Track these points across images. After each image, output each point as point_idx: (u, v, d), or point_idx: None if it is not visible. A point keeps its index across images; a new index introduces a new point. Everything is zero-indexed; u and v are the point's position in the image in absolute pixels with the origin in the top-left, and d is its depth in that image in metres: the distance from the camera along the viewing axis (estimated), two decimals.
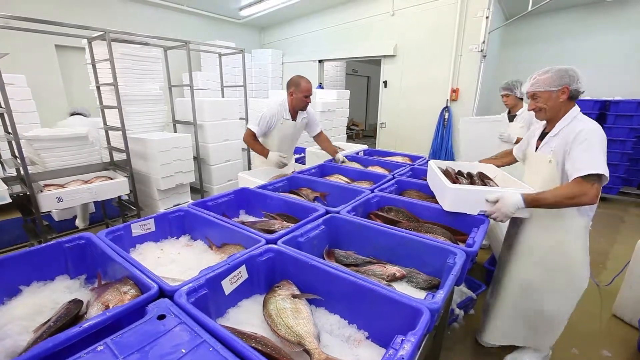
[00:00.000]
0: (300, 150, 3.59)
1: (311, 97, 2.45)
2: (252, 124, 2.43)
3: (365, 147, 3.17)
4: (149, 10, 5.77)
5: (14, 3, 4.28)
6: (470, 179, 1.77)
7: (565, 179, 1.44)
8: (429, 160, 2.71)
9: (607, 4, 4.85)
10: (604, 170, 1.30)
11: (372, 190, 1.74)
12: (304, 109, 2.51)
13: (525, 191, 1.40)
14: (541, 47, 5.53)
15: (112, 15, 5.31)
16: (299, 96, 2.38)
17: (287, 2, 5.79)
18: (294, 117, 2.53)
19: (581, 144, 1.35)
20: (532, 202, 1.37)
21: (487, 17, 4.34)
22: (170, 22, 6.10)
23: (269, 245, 1.15)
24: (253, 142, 2.43)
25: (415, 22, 5.12)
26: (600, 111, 4.46)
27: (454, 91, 4.86)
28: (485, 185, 1.64)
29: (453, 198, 1.47)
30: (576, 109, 1.49)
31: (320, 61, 6.80)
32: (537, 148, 1.62)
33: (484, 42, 4.43)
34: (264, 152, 2.39)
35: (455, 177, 1.75)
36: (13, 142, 2.15)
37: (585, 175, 1.31)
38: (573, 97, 1.47)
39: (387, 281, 1.13)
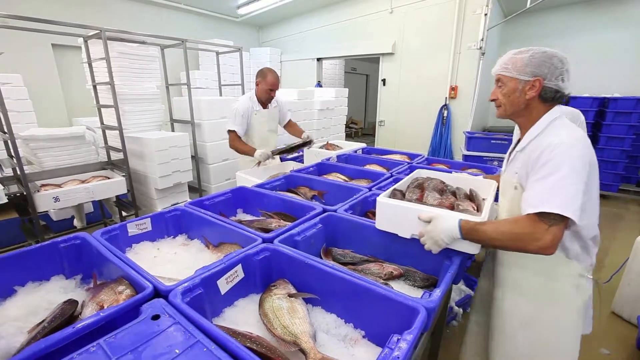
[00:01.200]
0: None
1: (276, 91, 2.50)
2: (230, 125, 2.43)
3: (363, 145, 3.16)
4: (146, 9, 5.74)
5: (10, 2, 4.26)
6: (454, 196, 1.39)
7: None
8: (427, 158, 2.71)
9: (606, 1, 4.84)
10: (568, 210, 0.88)
11: (370, 189, 1.74)
12: (270, 100, 2.55)
13: (467, 217, 1.04)
14: (540, 44, 5.44)
15: (109, 13, 5.28)
16: (264, 88, 2.42)
17: (285, 0, 5.76)
18: (264, 107, 2.58)
19: (542, 167, 0.96)
20: (470, 232, 1.00)
21: (485, 14, 4.32)
22: (168, 20, 6.07)
23: (265, 244, 1.14)
24: (238, 144, 2.43)
25: (414, 19, 5.10)
26: (599, 108, 4.46)
27: (453, 89, 4.85)
28: (456, 207, 1.24)
29: (383, 214, 1.22)
30: (554, 112, 1.06)
31: (318, 59, 6.78)
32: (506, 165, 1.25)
33: (482, 40, 4.42)
34: (251, 151, 2.38)
35: (439, 191, 1.40)
36: (9, 142, 2.14)
37: (541, 213, 0.91)
38: (548, 99, 1.05)
39: (384, 280, 1.13)
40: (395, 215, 1.18)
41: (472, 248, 1.06)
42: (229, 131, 2.45)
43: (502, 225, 0.98)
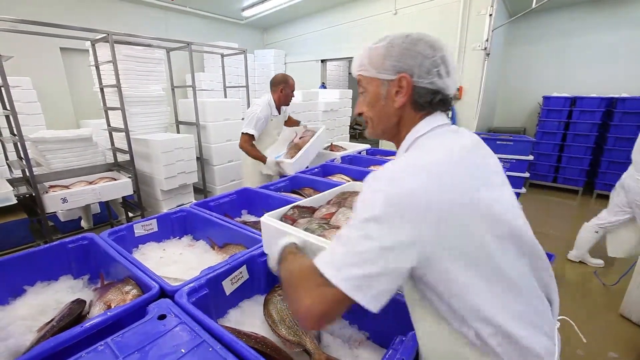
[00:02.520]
0: None
1: None
2: (248, 128, 2.41)
3: (368, 146, 3.16)
4: (152, 12, 5.80)
5: (19, 7, 4.33)
6: None
7: None
8: None
9: (613, 1, 4.78)
10: (331, 270, 0.55)
11: None
12: (286, 104, 2.64)
13: (297, 239, 0.86)
14: (546, 45, 5.47)
15: (115, 17, 5.35)
16: (288, 92, 2.53)
17: (290, 2, 5.78)
18: (279, 112, 2.65)
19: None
20: (284, 259, 0.77)
21: (490, 15, 4.30)
22: (173, 23, 6.12)
23: None
24: (251, 147, 2.43)
25: (418, 20, 5.09)
26: (607, 109, 4.40)
27: (458, 89, 4.83)
28: None
29: (266, 235, 1.06)
30: (426, 124, 0.69)
31: (322, 61, 6.79)
32: None
33: (487, 40, 4.39)
34: (263, 158, 2.40)
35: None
36: (18, 144, 2.17)
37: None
38: (423, 104, 0.69)
39: None
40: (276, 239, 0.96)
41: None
42: (245, 133, 2.41)
43: (295, 262, 0.72)
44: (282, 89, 2.50)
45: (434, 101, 0.69)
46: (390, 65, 0.69)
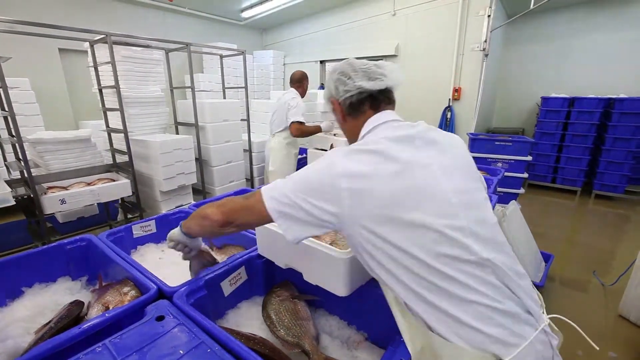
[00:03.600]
0: (302, 151, 3.59)
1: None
2: (298, 117, 2.76)
3: None
4: (151, 13, 5.80)
5: (17, 8, 4.33)
6: None
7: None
8: None
9: (611, 1, 4.80)
10: (266, 191, 0.73)
11: None
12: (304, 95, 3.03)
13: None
14: (544, 46, 5.48)
15: (114, 18, 5.34)
16: (307, 85, 3.01)
17: (289, 3, 5.79)
18: None
19: None
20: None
21: (489, 16, 4.31)
22: (172, 24, 6.12)
23: None
24: (305, 127, 2.79)
25: (417, 21, 5.10)
26: (605, 109, 4.42)
27: (456, 90, 4.84)
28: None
29: (261, 237, 1.08)
30: (374, 120, 0.83)
31: (321, 62, 6.80)
32: None
33: (485, 41, 4.40)
34: (318, 128, 2.87)
35: None
36: (17, 145, 2.17)
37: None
38: (357, 111, 0.85)
39: None
40: (275, 241, 1.02)
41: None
42: (296, 122, 2.75)
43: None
44: (305, 83, 2.98)
45: (356, 103, 0.85)
46: (326, 98, 0.93)
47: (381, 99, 0.85)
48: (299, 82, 2.95)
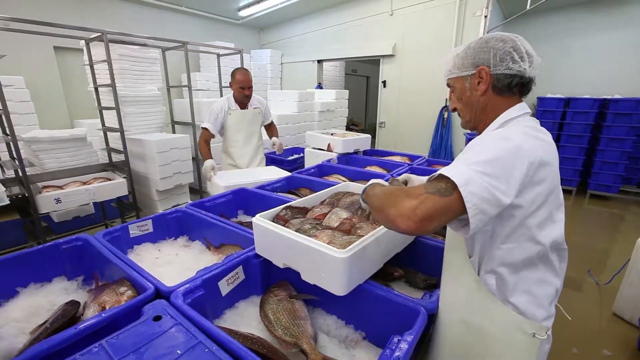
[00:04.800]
0: (299, 150, 3.59)
1: (250, 89, 2.53)
2: (205, 123, 2.48)
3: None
4: (147, 11, 5.76)
5: (12, 5, 4.28)
6: (368, 218, 1.17)
7: (481, 240, 0.79)
8: (428, 159, 2.71)
9: (606, 2, 4.84)
10: (460, 179, 0.64)
11: None
12: (245, 99, 2.57)
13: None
14: (540, 46, 5.51)
15: (110, 16, 5.30)
16: (235, 87, 2.50)
17: (286, 2, 5.78)
18: (242, 107, 2.59)
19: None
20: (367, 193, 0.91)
21: (485, 16, 4.33)
22: (169, 23, 6.09)
23: None
24: (203, 144, 2.44)
25: (414, 21, 5.11)
26: (600, 110, 4.46)
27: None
28: (354, 231, 1.08)
29: (259, 237, 1.07)
30: (511, 111, 0.83)
31: (319, 61, 6.79)
32: None
33: None
34: (205, 156, 2.34)
35: (354, 210, 1.23)
36: (11, 144, 2.15)
37: (430, 180, 0.73)
38: (503, 89, 0.82)
39: (385, 281, 1.13)
40: (272, 241, 1.01)
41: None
42: (202, 128, 2.49)
43: (389, 187, 0.85)
44: (231, 84, 2.55)
45: (512, 84, 0.81)
46: (470, 63, 0.84)
47: (529, 89, 0.87)
48: (232, 81, 2.54)
